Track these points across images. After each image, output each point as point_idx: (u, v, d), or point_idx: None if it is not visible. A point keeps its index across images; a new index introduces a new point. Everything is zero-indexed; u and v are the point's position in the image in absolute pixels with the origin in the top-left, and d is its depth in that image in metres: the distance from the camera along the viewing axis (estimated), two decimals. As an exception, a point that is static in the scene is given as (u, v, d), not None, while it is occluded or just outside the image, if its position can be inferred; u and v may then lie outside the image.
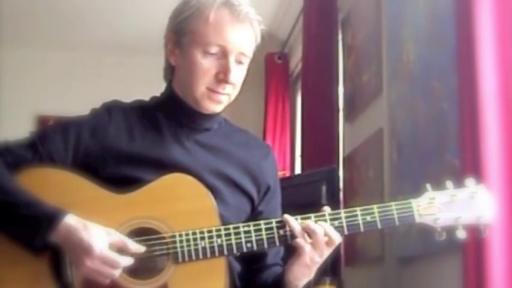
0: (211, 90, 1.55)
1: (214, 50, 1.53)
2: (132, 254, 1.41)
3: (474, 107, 1.71)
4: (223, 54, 1.53)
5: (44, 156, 1.50)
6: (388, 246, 2.60)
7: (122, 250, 1.40)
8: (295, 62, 4.65)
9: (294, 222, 1.46)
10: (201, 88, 1.54)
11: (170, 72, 1.62)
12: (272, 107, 4.73)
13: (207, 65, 1.53)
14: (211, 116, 1.62)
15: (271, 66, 4.83)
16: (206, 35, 1.53)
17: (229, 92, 1.57)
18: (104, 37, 4.97)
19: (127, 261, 1.40)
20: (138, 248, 1.42)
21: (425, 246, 2.09)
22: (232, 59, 1.54)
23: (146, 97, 1.69)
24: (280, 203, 1.71)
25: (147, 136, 1.57)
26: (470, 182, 1.50)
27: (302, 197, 2.48)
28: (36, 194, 1.43)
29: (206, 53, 1.53)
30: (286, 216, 1.48)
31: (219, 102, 1.57)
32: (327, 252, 1.48)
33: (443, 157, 2.10)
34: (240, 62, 1.56)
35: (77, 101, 3.05)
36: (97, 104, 1.64)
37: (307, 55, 3.61)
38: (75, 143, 1.53)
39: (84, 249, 1.36)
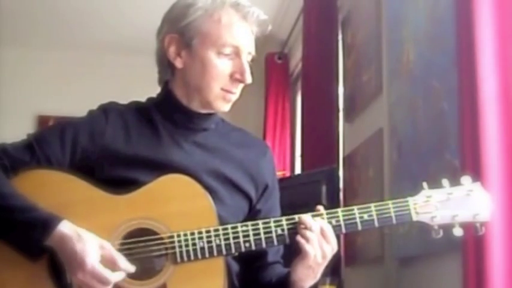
0: (226, 91, 1.57)
1: (228, 50, 1.55)
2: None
3: (474, 107, 1.71)
4: (236, 54, 1.56)
5: (41, 158, 1.50)
6: (388, 246, 2.60)
7: (111, 266, 1.39)
8: (295, 62, 4.65)
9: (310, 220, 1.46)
10: (215, 89, 1.56)
11: (171, 73, 1.62)
12: (272, 107, 4.73)
13: (221, 65, 1.55)
14: (208, 116, 1.62)
15: (271, 66, 4.83)
16: (220, 36, 1.54)
17: (239, 91, 1.59)
18: (104, 37, 4.97)
19: (117, 277, 1.39)
20: (127, 267, 1.41)
21: (425, 246, 2.09)
22: (245, 59, 1.56)
23: (146, 97, 1.69)
24: (279, 201, 1.71)
25: (144, 137, 1.57)
26: (466, 180, 1.51)
27: (302, 197, 2.48)
28: (34, 196, 1.43)
29: (220, 53, 1.55)
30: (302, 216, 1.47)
31: (230, 101, 1.59)
32: (328, 250, 1.47)
33: (443, 157, 2.10)
34: (246, 61, 1.59)
35: (77, 101, 3.06)
36: (97, 103, 1.64)
37: (307, 55, 3.61)
38: (72, 145, 1.53)
39: (76, 262, 1.36)
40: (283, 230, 1.47)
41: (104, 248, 1.39)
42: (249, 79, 1.56)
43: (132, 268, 1.41)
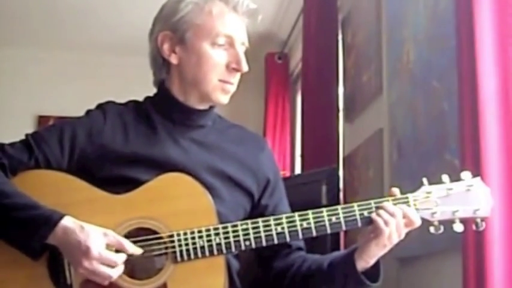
0: (223, 82, 1.58)
1: (222, 41, 1.56)
2: (129, 255, 1.41)
3: (474, 107, 1.71)
4: (230, 44, 1.57)
5: (40, 158, 1.51)
6: (388, 246, 2.59)
7: (118, 251, 1.40)
8: (295, 62, 4.65)
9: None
10: (213, 81, 1.57)
11: (166, 71, 1.63)
12: (272, 107, 4.73)
13: (217, 56, 1.56)
14: (205, 112, 1.63)
15: (271, 66, 4.82)
16: (213, 27, 1.56)
17: (236, 82, 1.60)
18: (103, 37, 4.97)
19: (124, 258, 1.40)
20: (135, 249, 1.42)
21: (426, 245, 2.09)
22: (239, 48, 1.58)
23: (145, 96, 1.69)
24: (285, 193, 1.71)
25: (143, 136, 1.58)
26: (466, 175, 1.51)
27: (302, 197, 2.47)
28: (34, 197, 1.43)
29: (214, 44, 1.56)
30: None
31: (228, 92, 1.60)
32: (404, 232, 1.48)
33: (443, 157, 2.09)
34: (241, 51, 1.60)
35: (77, 101, 3.05)
36: (96, 103, 1.64)
37: (307, 55, 3.61)
38: (71, 144, 1.53)
39: (81, 251, 1.36)
40: (283, 228, 1.47)
41: (107, 235, 1.40)
42: (245, 67, 1.58)
43: (139, 250, 1.42)
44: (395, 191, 1.51)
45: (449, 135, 2.06)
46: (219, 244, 1.44)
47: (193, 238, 1.44)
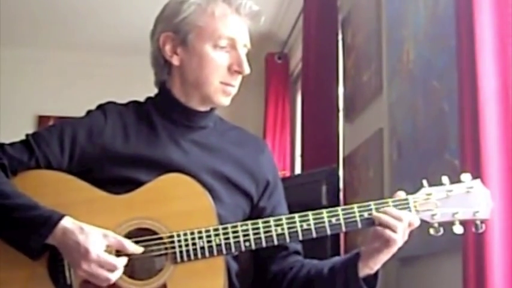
0: (225, 84, 1.58)
1: (224, 43, 1.56)
2: (130, 255, 1.41)
3: (474, 107, 1.70)
4: (232, 46, 1.57)
5: (40, 158, 1.50)
6: (388, 246, 2.59)
7: (119, 252, 1.40)
8: (295, 62, 4.65)
9: (383, 216, 1.45)
10: (214, 83, 1.57)
11: (167, 72, 1.63)
12: (272, 107, 4.73)
13: (219, 58, 1.56)
14: (206, 114, 1.63)
15: (271, 66, 4.82)
16: (215, 29, 1.56)
17: (238, 84, 1.60)
18: (103, 37, 4.97)
19: (124, 262, 1.40)
20: (136, 248, 1.42)
21: (426, 246, 2.09)
22: (241, 50, 1.58)
23: (145, 97, 1.69)
24: (283, 196, 1.71)
25: (143, 136, 1.58)
26: (466, 177, 1.51)
27: (302, 197, 2.48)
28: (34, 197, 1.43)
29: (216, 46, 1.56)
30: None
31: (230, 94, 1.60)
32: (407, 232, 1.48)
33: (443, 157, 2.09)
34: (243, 53, 1.60)
35: (77, 101, 3.05)
36: (97, 104, 1.64)
37: (307, 55, 3.61)
38: (71, 144, 1.53)
39: (80, 253, 1.36)
40: (283, 229, 1.47)
41: (107, 236, 1.40)
42: (247, 69, 1.57)
43: (140, 249, 1.42)
44: (401, 194, 1.50)
45: (449, 135, 2.05)
46: (219, 245, 1.44)
47: (193, 239, 1.44)
